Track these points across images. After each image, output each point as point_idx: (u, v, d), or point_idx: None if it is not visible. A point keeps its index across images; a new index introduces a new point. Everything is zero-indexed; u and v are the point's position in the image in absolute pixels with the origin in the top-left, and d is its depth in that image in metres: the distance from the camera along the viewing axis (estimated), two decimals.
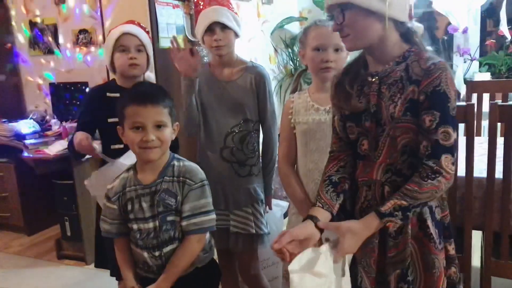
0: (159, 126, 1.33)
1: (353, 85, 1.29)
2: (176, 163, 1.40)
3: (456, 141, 1.17)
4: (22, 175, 3.45)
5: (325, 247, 1.17)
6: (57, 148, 3.03)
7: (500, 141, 1.66)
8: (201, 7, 1.93)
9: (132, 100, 1.33)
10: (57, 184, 3.07)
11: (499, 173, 1.66)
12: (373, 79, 1.25)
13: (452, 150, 1.16)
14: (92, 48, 3.58)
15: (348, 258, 1.21)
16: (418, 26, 1.27)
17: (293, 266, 1.12)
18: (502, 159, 1.64)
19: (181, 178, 1.37)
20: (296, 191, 1.66)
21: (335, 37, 1.38)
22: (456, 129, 1.18)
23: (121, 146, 1.62)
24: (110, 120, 1.72)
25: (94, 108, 1.87)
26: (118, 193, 1.40)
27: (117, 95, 1.78)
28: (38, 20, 3.74)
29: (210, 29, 1.84)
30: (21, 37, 3.87)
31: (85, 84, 3.50)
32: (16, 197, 3.48)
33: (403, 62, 1.22)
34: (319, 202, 1.29)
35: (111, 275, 1.87)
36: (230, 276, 2.08)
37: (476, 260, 2.02)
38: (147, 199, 1.37)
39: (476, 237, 1.85)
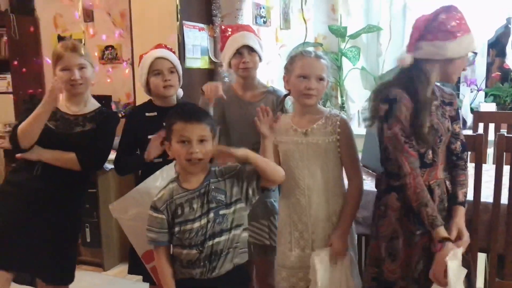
0: (202, 140, 1.50)
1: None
2: (214, 169, 1.58)
3: None
4: None
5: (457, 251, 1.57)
6: None
7: (505, 169, 1.81)
8: (229, 33, 2.14)
9: (179, 118, 1.50)
10: None
11: (504, 199, 1.81)
12: (436, 102, 1.65)
13: None
14: (117, 64, 3.76)
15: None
16: None
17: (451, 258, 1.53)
18: (507, 185, 1.79)
19: (225, 176, 1.56)
20: None
21: (318, 68, 1.72)
22: None
23: (160, 160, 1.77)
24: (150, 136, 1.88)
25: (135, 127, 2.02)
26: (166, 201, 1.53)
27: (155, 114, 1.95)
28: (66, 34, 3.93)
29: (239, 52, 2.05)
30: (50, 50, 4.04)
31: (109, 97, 3.67)
32: None
33: (437, 92, 1.68)
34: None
35: (144, 280, 2.00)
36: None
37: (479, 281, 2.14)
38: (198, 200, 1.52)
39: (479, 259, 1.98)
